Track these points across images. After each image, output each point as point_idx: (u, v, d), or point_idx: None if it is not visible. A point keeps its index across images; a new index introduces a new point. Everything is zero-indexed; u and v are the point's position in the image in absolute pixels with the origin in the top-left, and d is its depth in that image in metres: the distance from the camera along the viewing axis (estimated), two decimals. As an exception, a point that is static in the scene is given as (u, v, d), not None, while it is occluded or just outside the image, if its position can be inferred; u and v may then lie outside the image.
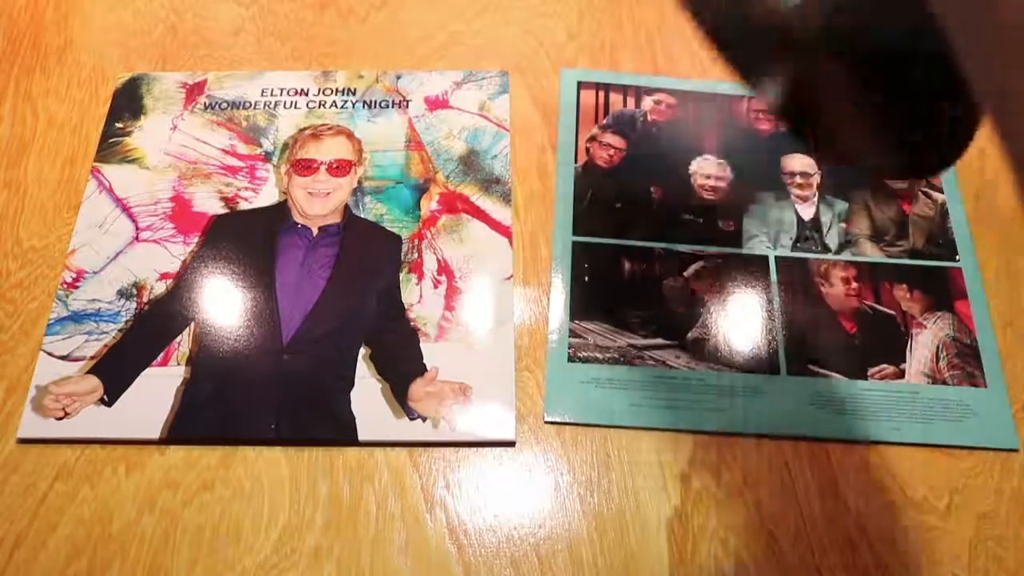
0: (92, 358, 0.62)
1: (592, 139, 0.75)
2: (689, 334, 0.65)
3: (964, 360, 0.65)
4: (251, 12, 0.82)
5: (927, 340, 0.65)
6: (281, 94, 0.75)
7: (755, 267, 0.68)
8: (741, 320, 0.66)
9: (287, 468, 0.59)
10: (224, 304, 0.64)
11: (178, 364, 0.61)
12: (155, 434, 0.59)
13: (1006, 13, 0.33)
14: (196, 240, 0.67)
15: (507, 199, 0.70)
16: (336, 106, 0.75)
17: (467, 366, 0.62)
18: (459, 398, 0.61)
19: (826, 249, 0.70)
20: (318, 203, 0.69)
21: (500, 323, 0.64)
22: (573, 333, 0.65)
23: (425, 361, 0.62)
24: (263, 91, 0.76)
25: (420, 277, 0.66)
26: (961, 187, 0.74)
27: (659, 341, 0.65)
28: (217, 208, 0.69)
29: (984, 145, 0.76)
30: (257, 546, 0.55)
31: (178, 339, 0.63)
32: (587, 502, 0.58)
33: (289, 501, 0.57)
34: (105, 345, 0.62)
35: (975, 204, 0.73)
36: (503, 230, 0.69)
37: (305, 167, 0.71)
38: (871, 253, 0.70)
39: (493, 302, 0.65)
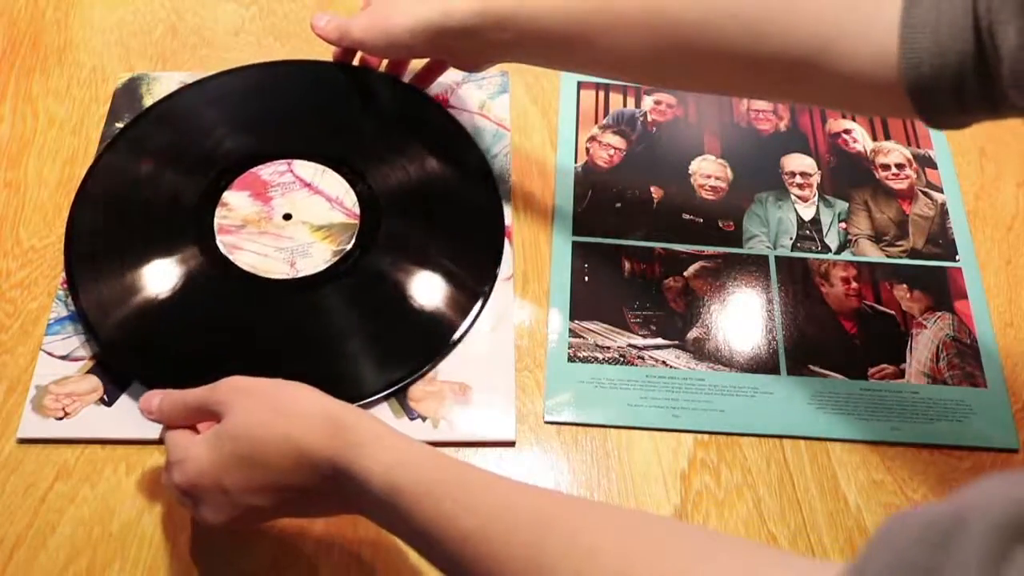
0: (92, 358, 0.62)
1: (592, 139, 0.75)
2: (689, 334, 0.65)
3: (964, 360, 0.65)
4: (251, 12, 0.82)
5: (927, 340, 0.65)
6: (281, 94, 0.75)
7: (755, 267, 0.68)
8: (741, 320, 0.66)
9: (287, 468, 0.59)
10: (224, 304, 0.64)
11: (178, 364, 0.61)
12: (155, 434, 0.59)
13: None
14: (196, 240, 0.67)
15: (507, 199, 0.70)
16: (336, 106, 0.75)
17: (467, 366, 0.62)
18: (459, 398, 0.61)
19: (826, 249, 0.70)
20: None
21: (500, 323, 0.64)
22: (573, 333, 0.65)
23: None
24: (263, 91, 0.75)
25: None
26: (961, 187, 0.74)
27: (659, 341, 0.65)
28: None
29: (984, 145, 0.76)
30: (257, 547, 0.55)
31: (178, 339, 0.63)
32: (587, 502, 0.58)
33: (289, 501, 0.57)
34: (105, 345, 0.62)
35: (975, 204, 0.73)
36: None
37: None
38: (871, 253, 0.70)
39: (493, 302, 0.65)
